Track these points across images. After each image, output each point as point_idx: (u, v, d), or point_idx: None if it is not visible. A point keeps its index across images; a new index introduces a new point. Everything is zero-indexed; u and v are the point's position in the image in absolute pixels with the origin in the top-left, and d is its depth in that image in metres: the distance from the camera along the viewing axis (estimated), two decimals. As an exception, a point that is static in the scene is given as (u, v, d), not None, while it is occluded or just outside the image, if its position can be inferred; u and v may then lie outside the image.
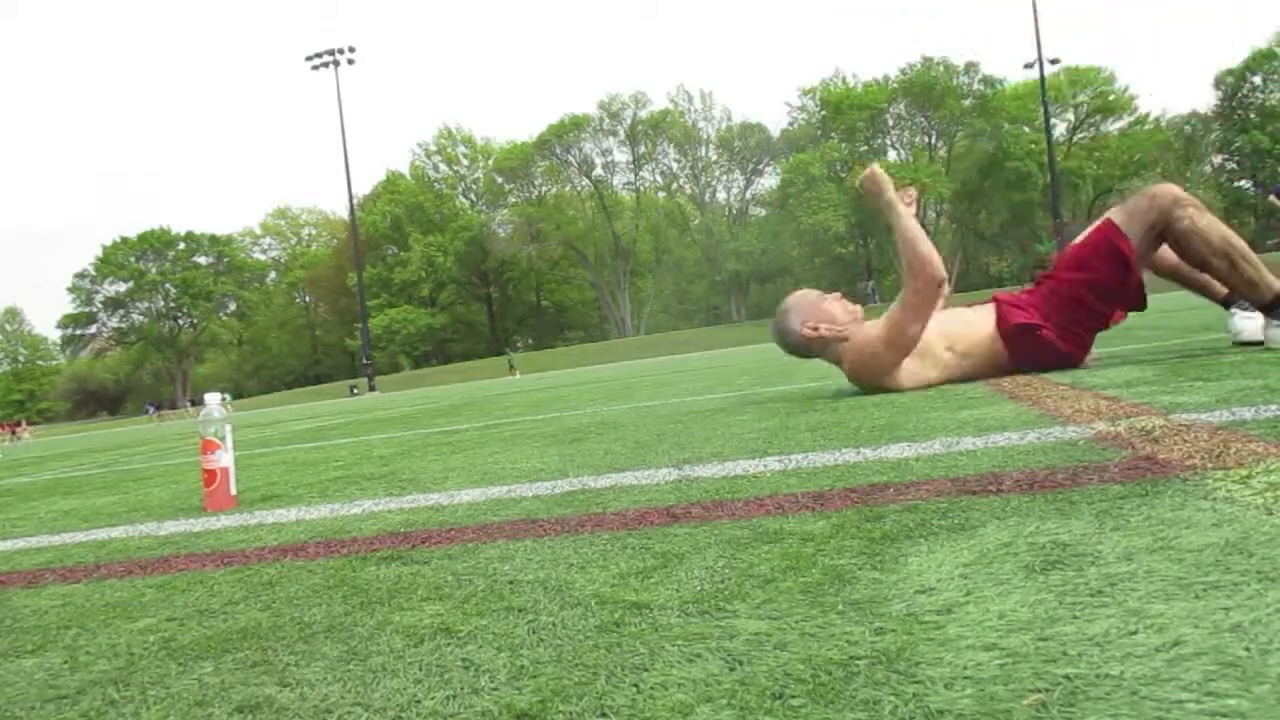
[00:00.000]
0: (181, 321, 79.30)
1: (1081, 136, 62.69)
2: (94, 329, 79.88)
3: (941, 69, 62.00)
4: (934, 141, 66.25)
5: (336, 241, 77.27)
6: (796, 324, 3.16)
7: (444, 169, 75.38)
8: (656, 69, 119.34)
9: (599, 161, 71.51)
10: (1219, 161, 61.19)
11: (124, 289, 76.82)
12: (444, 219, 71.78)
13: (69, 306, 78.21)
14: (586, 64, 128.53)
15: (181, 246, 77.54)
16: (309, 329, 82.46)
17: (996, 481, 1.29)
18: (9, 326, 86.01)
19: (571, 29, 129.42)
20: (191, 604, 1.18)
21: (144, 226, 79.29)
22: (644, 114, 70.02)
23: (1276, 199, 12.98)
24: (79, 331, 79.80)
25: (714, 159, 74.12)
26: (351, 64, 45.90)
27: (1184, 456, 1.28)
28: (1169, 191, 2.81)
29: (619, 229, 70.04)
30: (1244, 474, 1.12)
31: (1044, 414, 1.96)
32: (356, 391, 43.58)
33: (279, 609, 1.09)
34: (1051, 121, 47.84)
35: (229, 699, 0.78)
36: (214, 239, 78.44)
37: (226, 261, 78.90)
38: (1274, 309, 2.71)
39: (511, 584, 1.07)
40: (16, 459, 8.88)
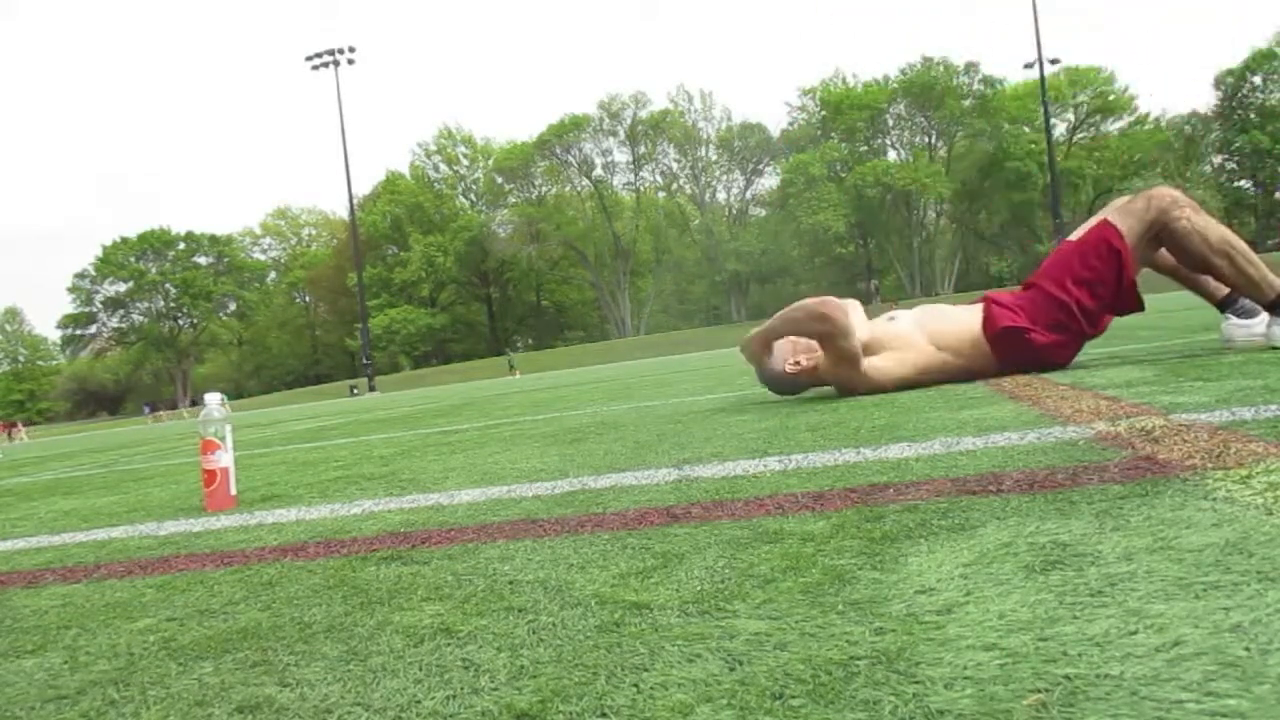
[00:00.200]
0: (181, 321, 79.33)
1: (1081, 136, 62.71)
2: (94, 329, 79.94)
3: (941, 69, 62.03)
4: (934, 141, 66.27)
5: (336, 241, 77.29)
6: (780, 367, 3.26)
7: (444, 169, 75.41)
8: (656, 69, 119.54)
9: (599, 161, 71.59)
10: (1219, 161, 61.24)
11: (124, 289, 76.88)
12: (444, 219, 71.78)
13: (69, 306, 78.38)
14: (586, 64, 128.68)
15: (181, 246, 77.58)
16: (309, 329, 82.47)
17: (996, 481, 1.29)
18: (9, 326, 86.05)
19: (571, 29, 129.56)
20: (191, 604, 1.18)
21: (144, 226, 79.49)
22: (644, 114, 70.06)
23: None
24: (79, 331, 79.85)
25: (714, 159, 74.17)
26: (351, 64, 45.94)
27: (1184, 456, 1.28)
28: (1167, 193, 2.81)
29: (619, 229, 70.04)
30: (1244, 474, 1.12)
31: (1044, 414, 1.96)
32: (356, 392, 43.58)
33: (279, 609, 1.09)
34: (1051, 121, 47.86)
35: (229, 699, 0.78)
36: (214, 239, 78.46)
37: (226, 261, 78.92)
38: (1277, 307, 2.71)
39: (511, 584, 1.07)
40: (16, 459, 8.88)
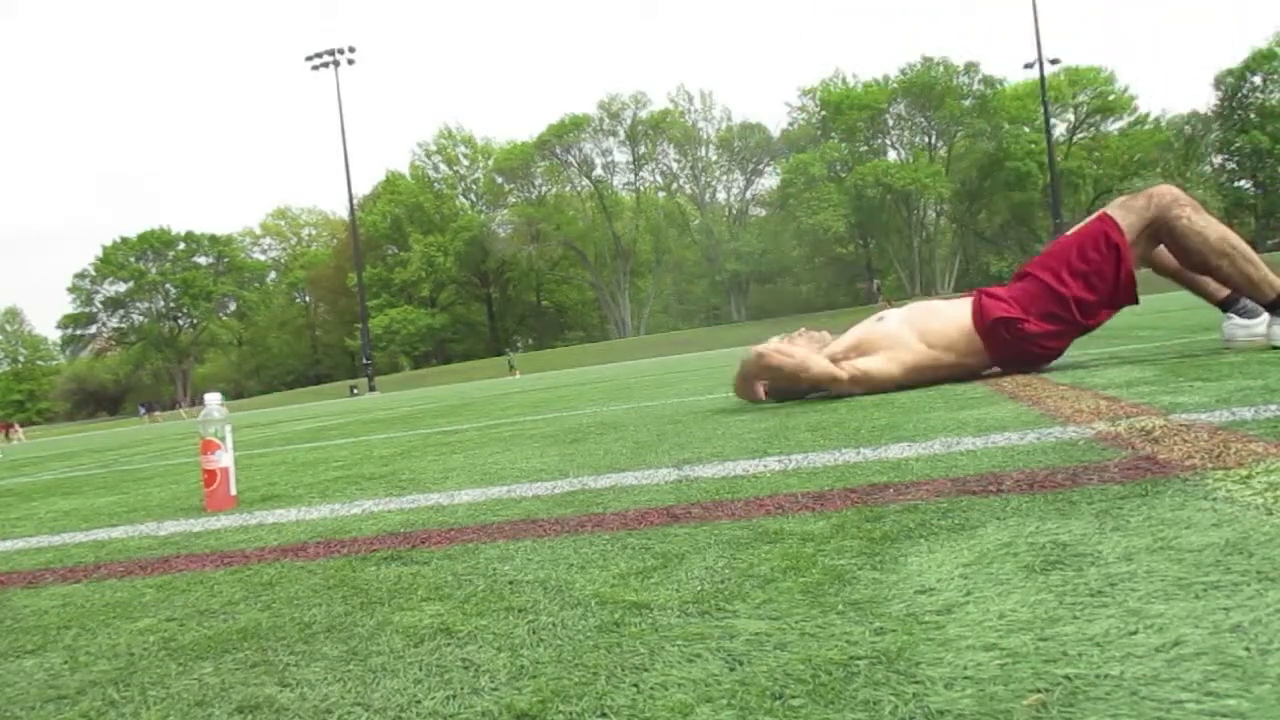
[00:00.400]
0: (181, 322, 79.35)
1: (1081, 136, 62.69)
2: (94, 329, 79.97)
3: (941, 69, 62.00)
4: (934, 141, 66.24)
5: (336, 241, 77.30)
6: (759, 393, 3.32)
7: (444, 169, 75.40)
8: (656, 69, 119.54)
9: (599, 161, 71.57)
10: (1219, 161, 61.25)
11: (124, 289, 76.91)
12: (444, 219, 71.78)
13: (69, 306, 78.42)
14: (586, 64, 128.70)
15: (181, 247, 77.61)
16: (309, 329, 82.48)
17: (996, 481, 1.29)
18: (9, 326, 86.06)
19: (571, 29, 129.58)
20: (191, 604, 1.18)
21: (144, 226, 79.54)
22: (644, 114, 70.04)
23: None
24: (79, 331, 79.88)
25: (714, 159, 74.15)
26: (351, 64, 45.94)
27: (1184, 456, 1.28)
28: (1168, 191, 2.81)
29: (619, 229, 70.03)
30: (1244, 474, 1.12)
31: (1044, 414, 1.96)
32: (356, 392, 43.58)
33: (279, 609, 1.09)
34: (1051, 121, 47.87)
35: (229, 699, 0.78)
36: (214, 239, 78.49)
37: (226, 262, 78.95)
38: (1278, 307, 2.71)
39: (511, 584, 1.07)
40: (15, 460, 8.88)
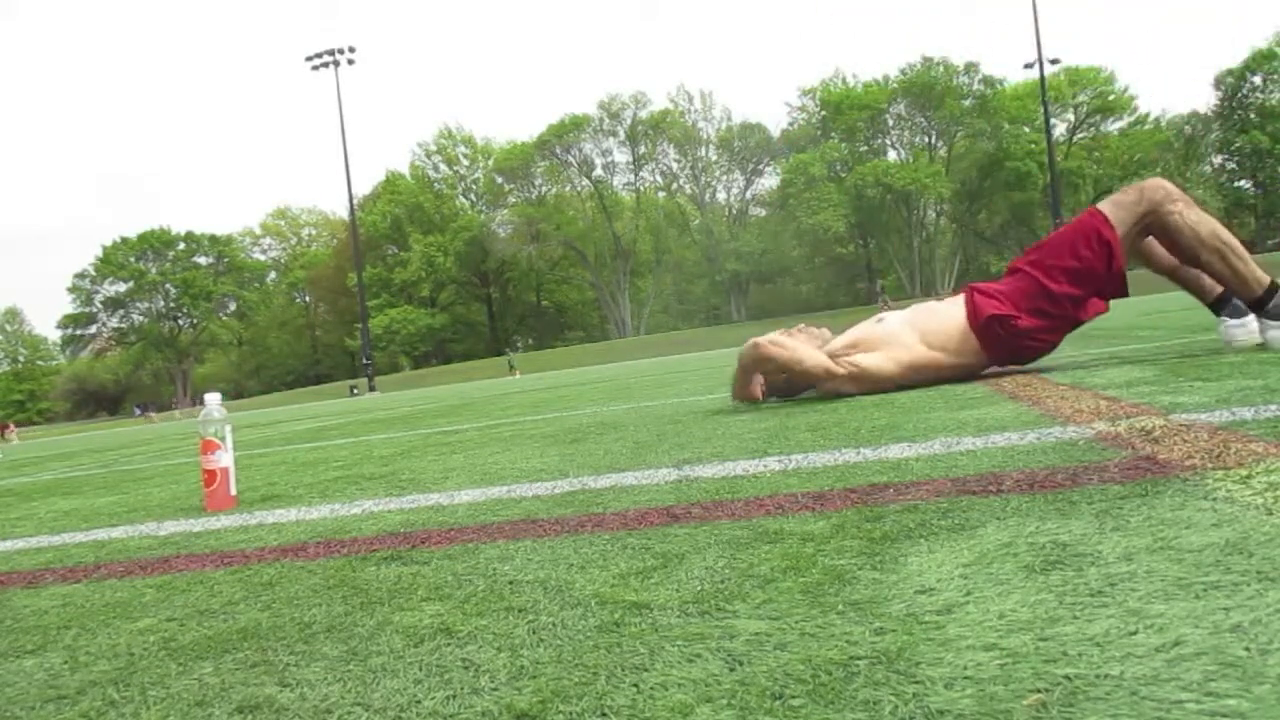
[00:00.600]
0: (181, 322, 79.35)
1: (1081, 136, 62.69)
2: (94, 329, 79.98)
3: (941, 69, 61.99)
4: (934, 141, 66.22)
5: (336, 241, 77.29)
6: (755, 391, 3.36)
7: (444, 169, 75.39)
8: (656, 69, 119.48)
9: (599, 162, 71.56)
10: (1219, 161, 61.23)
11: (124, 289, 76.91)
12: (444, 219, 71.77)
13: (69, 306, 78.41)
14: (586, 64, 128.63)
15: (181, 247, 77.62)
16: (309, 329, 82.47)
17: (996, 481, 1.29)
18: (9, 326, 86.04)
19: (571, 29, 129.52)
20: (191, 604, 1.18)
21: (144, 226, 79.52)
22: (644, 114, 70.03)
23: None
24: (79, 332, 79.88)
25: (714, 159, 74.14)
26: (351, 64, 45.92)
27: (1184, 456, 1.28)
28: (1159, 185, 2.81)
29: (619, 229, 70.02)
30: (1244, 474, 1.12)
31: (1044, 414, 1.96)
32: (356, 392, 43.57)
33: (279, 609, 1.09)
34: (1051, 121, 47.87)
35: (229, 699, 0.78)
36: (214, 239, 78.48)
37: (226, 262, 78.95)
38: (1263, 305, 2.71)
39: (511, 584, 1.07)
40: (15, 460, 8.87)
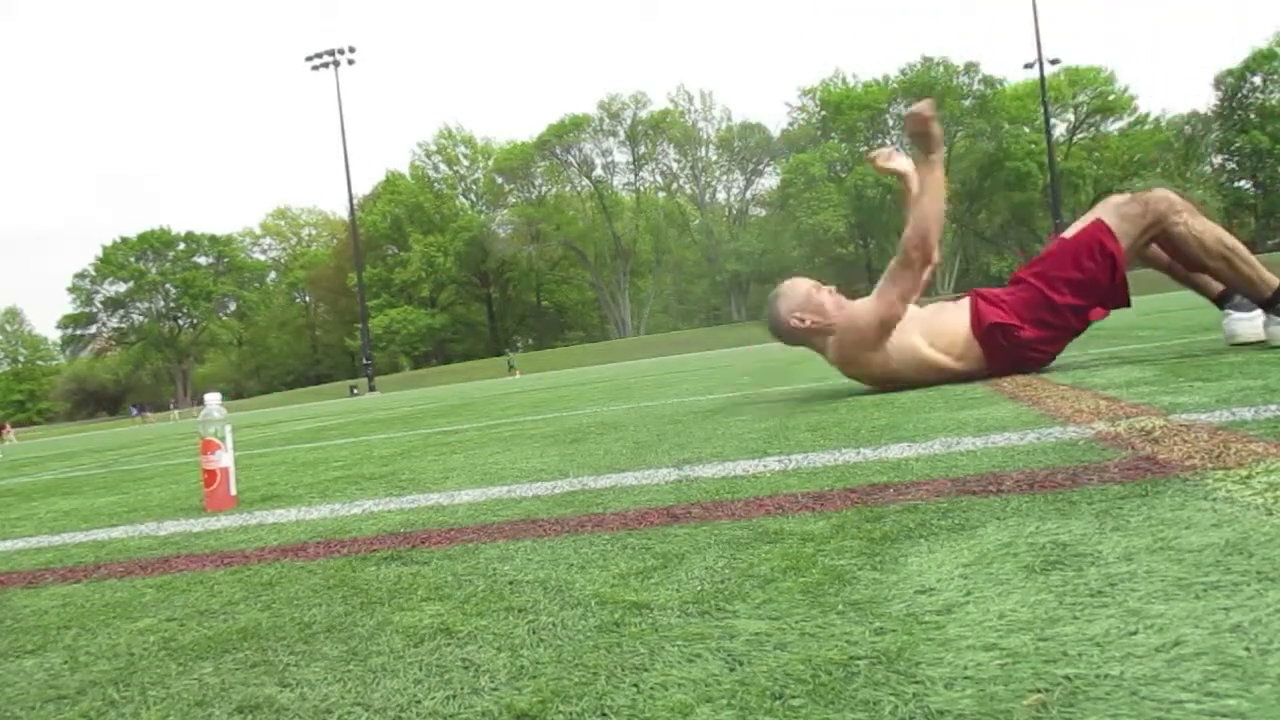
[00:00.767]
0: (181, 322, 79.39)
1: (1081, 137, 62.69)
2: (94, 329, 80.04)
3: (941, 69, 62.06)
4: (934, 141, 66.12)
5: (336, 241, 77.30)
6: (785, 312, 3.18)
7: (444, 169, 75.44)
8: (656, 69, 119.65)
9: (599, 162, 71.67)
10: (1219, 161, 61.24)
11: (124, 289, 76.98)
12: (444, 219, 71.80)
13: (69, 306, 78.49)
14: (586, 64, 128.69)
15: (181, 247, 77.69)
16: (309, 329, 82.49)
17: (996, 481, 1.29)
18: (9, 326, 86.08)
19: (571, 29, 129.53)
20: (191, 604, 1.18)
21: (144, 226, 79.59)
22: (644, 114, 70.13)
23: None
24: (79, 332, 79.93)
25: (714, 159, 74.21)
26: (351, 64, 45.93)
27: (1184, 456, 1.28)
28: (1164, 196, 2.80)
29: (619, 229, 70.04)
30: (1244, 474, 1.12)
31: (1044, 414, 1.96)
32: (356, 392, 43.57)
33: (279, 609, 1.09)
34: (1051, 121, 47.86)
35: (229, 699, 0.78)
36: (214, 239, 78.53)
37: (226, 262, 79.00)
38: (1274, 305, 2.71)
39: (511, 584, 1.07)
40: (15, 460, 8.88)
